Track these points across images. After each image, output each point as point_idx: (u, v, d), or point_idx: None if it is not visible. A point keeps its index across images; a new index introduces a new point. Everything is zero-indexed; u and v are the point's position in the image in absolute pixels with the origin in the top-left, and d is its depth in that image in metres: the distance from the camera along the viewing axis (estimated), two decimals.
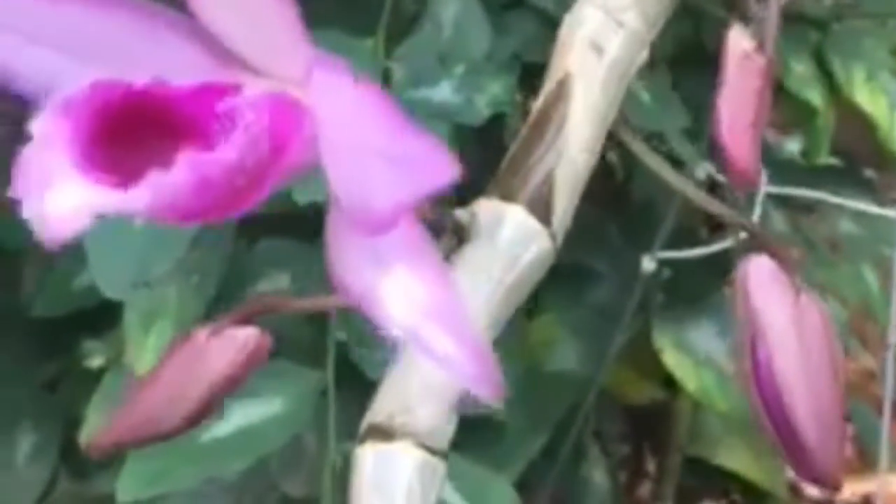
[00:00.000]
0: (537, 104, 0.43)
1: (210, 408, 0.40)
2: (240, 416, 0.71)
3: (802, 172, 0.96)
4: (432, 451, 0.36)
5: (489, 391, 0.34)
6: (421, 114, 0.67)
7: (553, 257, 0.40)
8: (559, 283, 0.93)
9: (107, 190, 0.32)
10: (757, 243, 0.40)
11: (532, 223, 0.39)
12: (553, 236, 0.40)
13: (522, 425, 0.88)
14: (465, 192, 0.89)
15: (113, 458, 0.91)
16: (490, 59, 0.72)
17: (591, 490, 0.93)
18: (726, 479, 1.11)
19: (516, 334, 0.90)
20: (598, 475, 0.95)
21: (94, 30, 0.33)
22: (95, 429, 0.84)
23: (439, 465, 0.36)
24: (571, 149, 0.41)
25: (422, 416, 0.36)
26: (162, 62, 0.33)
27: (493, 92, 0.69)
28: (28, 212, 0.32)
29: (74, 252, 0.91)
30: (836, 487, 0.39)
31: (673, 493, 1.07)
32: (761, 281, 0.39)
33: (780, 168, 0.93)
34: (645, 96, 0.83)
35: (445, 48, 0.71)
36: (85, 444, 0.84)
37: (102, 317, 0.87)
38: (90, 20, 0.33)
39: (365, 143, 0.31)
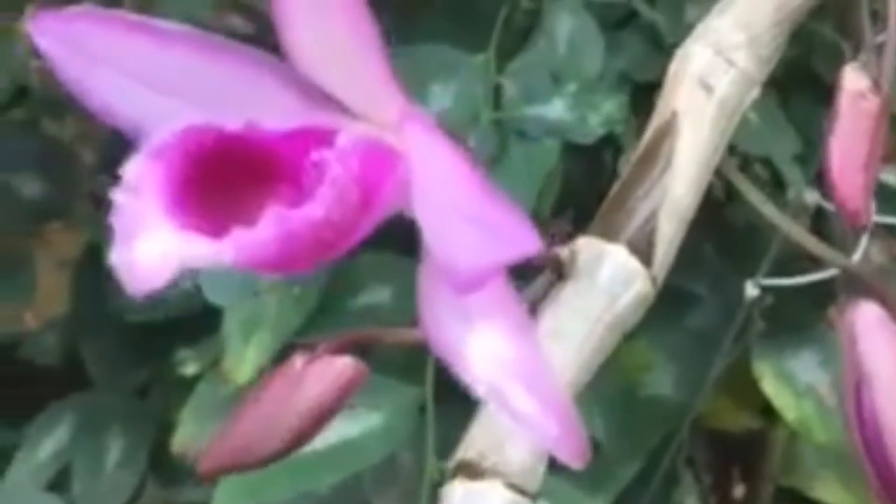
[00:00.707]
0: (643, 140, 0.42)
1: (306, 436, 0.39)
2: (337, 429, 0.70)
3: None
4: (522, 491, 0.35)
5: (570, 452, 0.33)
6: (533, 131, 0.67)
7: (652, 299, 0.39)
8: (657, 306, 0.92)
9: (195, 240, 0.31)
10: (859, 281, 0.40)
11: (633, 264, 0.39)
12: (654, 279, 0.39)
13: (617, 450, 0.86)
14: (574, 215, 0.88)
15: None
16: (602, 78, 0.71)
17: None
18: None
19: (612, 357, 0.89)
20: (690, 502, 0.93)
21: (194, 73, 0.33)
22: (187, 437, 0.84)
23: None
24: (677, 188, 0.40)
25: (513, 455, 0.36)
26: (257, 106, 0.33)
27: (606, 110, 0.69)
28: (117, 258, 0.32)
29: None
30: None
31: None
32: (868, 327, 0.38)
33: (882, 196, 0.91)
34: (753, 118, 0.82)
35: (559, 65, 0.70)
36: (177, 451, 0.84)
37: (196, 324, 0.87)
38: (192, 63, 0.33)
39: (453, 202, 0.31)
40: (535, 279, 0.39)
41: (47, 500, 0.92)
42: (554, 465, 0.85)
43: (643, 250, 0.39)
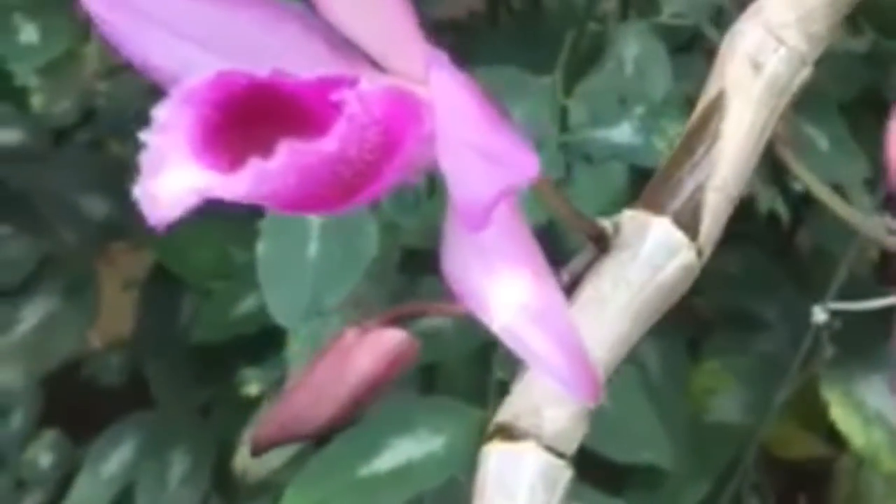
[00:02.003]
0: (692, 118, 0.42)
1: (354, 409, 0.39)
2: (400, 451, 0.70)
3: None
4: (558, 453, 0.35)
5: (583, 393, 0.34)
6: (600, 154, 0.66)
7: (697, 273, 0.38)
8: (726, 330, 0.92)
9: (214, 174, 0.32)
10: None
11: (677, 235, 0.38)
12: (699, 251, 0.38)
13: (685, 473, 0.86)
14: None
15: (264, 487, 0.91)
16: (668, 101, 0.70)
17: None
18: None
19: (681, 381, 0.88)
20: None
21: (225, 23, 0.34)
22: (249, 459, 0.84)
23: (564, 469, 0.35)
24: (723, 164, 0.39)
25: (548, 418, 0.35)
26: (287, 56, 0.33)
27: (672, 133, 0.68)
28: (141, 192, 0.32)
29: (234, 279, 0.92)
30: None
31: None
32: None
33: None
34: (823, 143, 0.81)
35: (626, 88, 0.69)
36: (239, 470, 0.84)
37: (260, 345, 0.87)
38: (223, 14, 0.34)
39: (468, 140, 0.32)
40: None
41: None
42: (620, 491, 0.84)
43: (688, 223, 0.38)
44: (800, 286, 0.89)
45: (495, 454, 0.35)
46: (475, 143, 0.31)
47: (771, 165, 0.88)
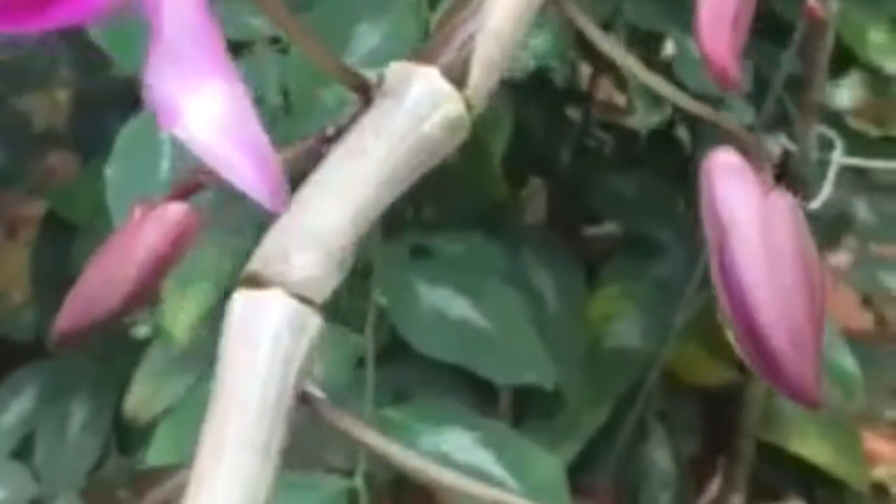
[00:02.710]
0: None
1: (146, 287, 0.38)
2: None
3: (879, 146, 0.92)
4: (306, 301, 0.34)
5: (271, 202, 0.34)
6: None
7: (467, 127, 0.37)
8: (622, 255, 0.91)
9: None
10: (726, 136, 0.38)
11: (443, 85, 0.37)
12: (468, 103, 0.37)
13: (583, 401, 0.85)
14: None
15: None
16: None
17: (653, 471, 0.90)
18: (803, 470, 1.07)
19: (578, 309, 0.87)
20: (661, 456, 0.91)
21: None
22: (140, 399, 0.83)
23: (312, 316, 0.34)
24: (496, 14, 0.38)
25: (298, 264, 0.34)
26: None
27: (536, 46, 0.67)
28: None
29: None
30: (813, 402, 0.37)
31: (745, 483, 1.03)
32: (726, 176, 0.36)
33: (854, 141, 0.90)
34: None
35: None
36: (130, 413, 0.83)
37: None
38: None
39: None
40: None
41: (10, 467, 0.92)
42: (516, 419, 0.84)
43: (457, 73, 0.37)
44: (694, 208, 0.88)
45: (240, 302, 0.34)
46: None
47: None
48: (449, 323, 0.70)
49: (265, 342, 0.34)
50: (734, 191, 0.36)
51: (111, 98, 0.87)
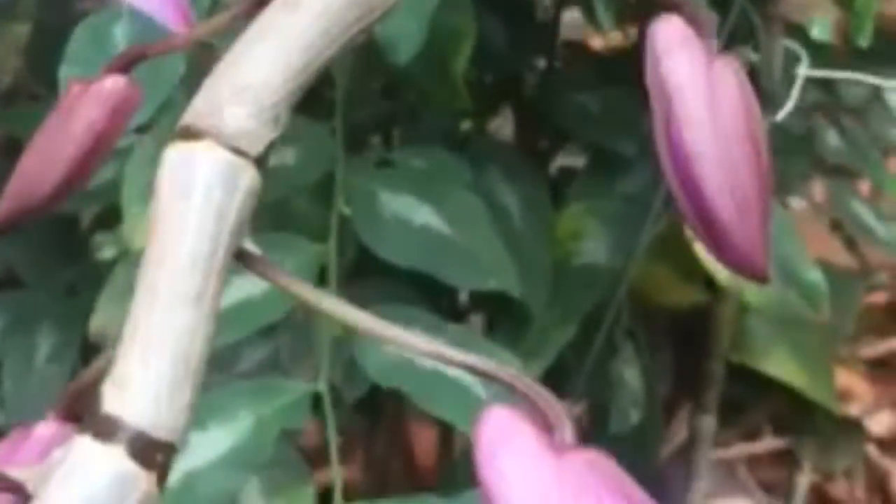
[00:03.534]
0: None
1: (83, 168, 0.38)
2: (239, 288, 0.68)
3: (845, 58, 0.91)
4: (240, 153, 0.33)
5: (172, 16, 0.34)
6: None
7: None
8: (588, 173, 0.90)
9: None
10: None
11: None
12: None
13: (550, 319, 0.85)
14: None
15: None
16: None
17: (622, 388, 0.90)
18: (773, 390, 1.07)
19: (543, 226, 0.87)
20: (630, 374, 0.91)
21: None
22: (104, 319, 0.82)
23: (246, 168, 0.34)
24: None
25: (230, 116, 0.34)
26: None
27: None
28: None
29: None
30: (760, 273, 0.36)
31: (716, 404, 1.03)
32: (671, 44, 0.35)
33: (819, 53, 0.89)
34: None
35: None
36: (94, 334, 0.83)
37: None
38: None
39: None
40: None
41: None
42: (488, 337, 0.83)
43: None
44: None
45: (172, 154, 0.33)
46: None
47: None
48: (412, 230, 0.70)
49: (197, 193, 0.33)
50: (679, 59, 0.36)
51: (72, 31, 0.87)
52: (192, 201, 0.34)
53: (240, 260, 0.35)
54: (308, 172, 0.72)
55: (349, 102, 0.76)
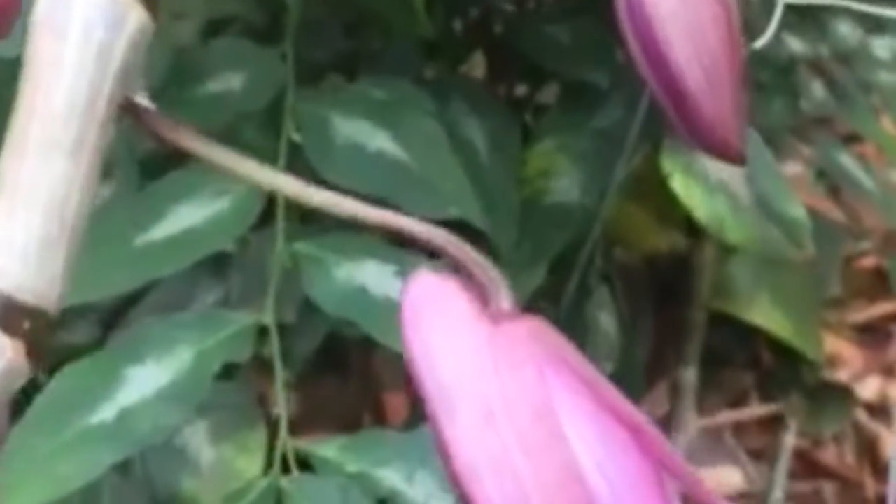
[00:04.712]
0: None
1: None
2: (181, 217, 0.64)
3: None
4: None
5: None
6: None
7: None
8: (559, 108, 0.86)
9: None
10: None
11: None
12: None
13: (520, 260, 0.81)
14: None
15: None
16: None
17: (597, 332, 0.86)
18: (756, 340, 1.03)
19: (511, 162, 0.83)
20: (605, 318, 0.87)
21: None
22: None
23: (135, 11, 0.30)
24: None
25: None
26: None
27: None
28: None
29: None
30: (733, 150, 0.33)
31: (698, 355, 0.99)
32: None
33: None
34: None
35: None
36: None
37: None
38: None
39: None
40: None
41: None
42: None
43: None
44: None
45: None
46: None
47: None
48: (366, 155, 0.66)
49: (75, 32, 0.30)
50: None
51: None
52: (69, 41, 0.30)
53: (129, 113, 0.31)
54: (256, 98, 0.68)
55: (307, 38, 0.72)
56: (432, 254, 0.80)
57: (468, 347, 0.27)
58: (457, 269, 0.30)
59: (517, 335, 0.27)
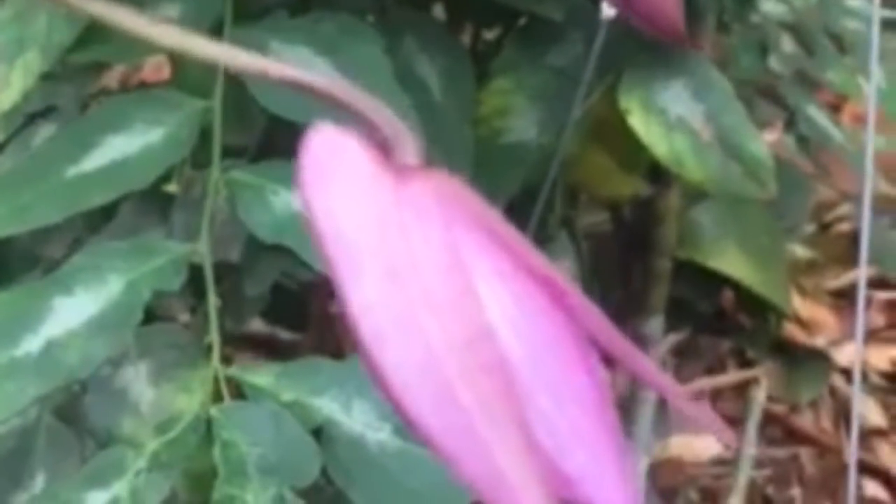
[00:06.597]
0: None
1: None
2: (113, 148, 0.62)
3: None
4: None
5: None
6: None
7: None
8: (515, 44, 0.84)
9: None
10: None
11: None
12: None
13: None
14: None
15: None
16: None
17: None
18: (722, 288, 1.01)
19: (466, 101, 0.80)
20: (565, 265, 0.85)
21: None
22: None
23: None
24: None
25: None
26: None
27: None
28: None
29: None
30: (675, 30, 0.30)
31: (664, 305, 0.97)
32: None
33: None
34: None
35: None
36: None
37: None
38: None
39: None
40: None
41: None
42: None
43: None
44: None
45: None
46: None
47: None
48: None
49: None
50: None
51: None
52: None
53: None
54: (193, 26, 0.65)
55: None
56: None
57: (371, 205, 0.25)
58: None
59: (424, 191, 0.25)
